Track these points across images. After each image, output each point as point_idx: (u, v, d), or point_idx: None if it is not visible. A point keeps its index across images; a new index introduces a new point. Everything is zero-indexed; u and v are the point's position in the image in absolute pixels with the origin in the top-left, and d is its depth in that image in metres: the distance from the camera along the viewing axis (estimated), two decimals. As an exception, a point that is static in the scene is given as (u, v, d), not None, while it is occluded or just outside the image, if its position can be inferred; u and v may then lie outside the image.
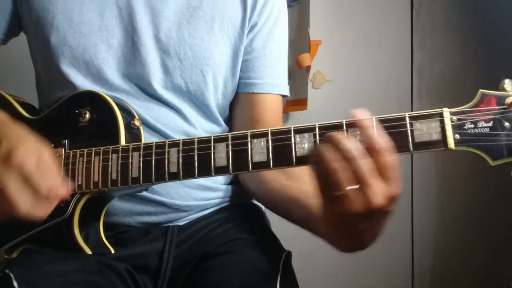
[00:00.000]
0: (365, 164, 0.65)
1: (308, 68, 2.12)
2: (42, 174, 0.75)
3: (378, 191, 0.65)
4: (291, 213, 0.92)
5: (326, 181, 0.67)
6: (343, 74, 2.31)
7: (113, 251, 0.90)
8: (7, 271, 0.80)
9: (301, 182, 0.91)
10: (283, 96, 1.08)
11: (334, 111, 2.24)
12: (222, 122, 1.07)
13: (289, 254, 0.95)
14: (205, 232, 1.00)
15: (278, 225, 1.12)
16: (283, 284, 0.87)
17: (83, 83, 0.95)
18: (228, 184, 1.08)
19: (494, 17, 2.01)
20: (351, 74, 2.32)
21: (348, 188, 0.65)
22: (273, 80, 1.05)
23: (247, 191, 1.07)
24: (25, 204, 0.74)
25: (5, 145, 0.76)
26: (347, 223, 0.69)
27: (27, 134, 0.80)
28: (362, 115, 0.68)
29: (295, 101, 2.08)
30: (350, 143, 0.65)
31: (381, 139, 0.66)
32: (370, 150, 0.65)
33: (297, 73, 2.11)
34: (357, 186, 0.65)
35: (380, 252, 2.29)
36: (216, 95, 1.02)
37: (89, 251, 0.87)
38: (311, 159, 0.69)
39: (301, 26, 2.07)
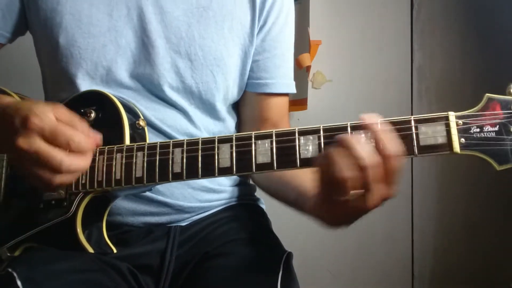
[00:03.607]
0: (375, 172, 0.65)
1: (308, 68, 2.12)
2: (64, 124, 0.75)
3: (379, 195, 0.66)
4: (284, 196, 0.93)
5: (331, 184, 0.67)
6: (343, 74, 2.31)
7: (115, 251, 0.90)
8: (10, 269, 0.79)
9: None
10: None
11: (334, 111, 2.25)
12: (229, 124, 1.07)
13: (289, 254, 0.95)
14: (206, 232, 1.00)
15: (279, 225, 1.12)
16: (283, 284, 0.86)
17: (91, 83, 0.95)
18: (232, 186, 1.08)
19: (494, 17, 2.01)
20: (351, 74, 2.32)
21: (352, 193, 0.66)
22: (285, 80, 1.06)
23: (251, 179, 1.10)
24: (61, 155, 0.74)
25: (19, 115, 0.75)
26: (340, 213, 0.71)
27: (35, 101, 0.79)
28: (372, 118, 0.68)
29: (295, 101, 2.08)
30: (364, 150, 0.64)
31: (391, 144, 0.65)
32: (379, 154, 0.65)
33: (297, 73, 2.09)
34: (362, 191, 0.66)
35: (380, 252, 2.30)
36: (226, 96, 1.02)
37: (91, 250, 0.87)
38: (319, 161, 0.69)
39: (301, 26, 2.06)
